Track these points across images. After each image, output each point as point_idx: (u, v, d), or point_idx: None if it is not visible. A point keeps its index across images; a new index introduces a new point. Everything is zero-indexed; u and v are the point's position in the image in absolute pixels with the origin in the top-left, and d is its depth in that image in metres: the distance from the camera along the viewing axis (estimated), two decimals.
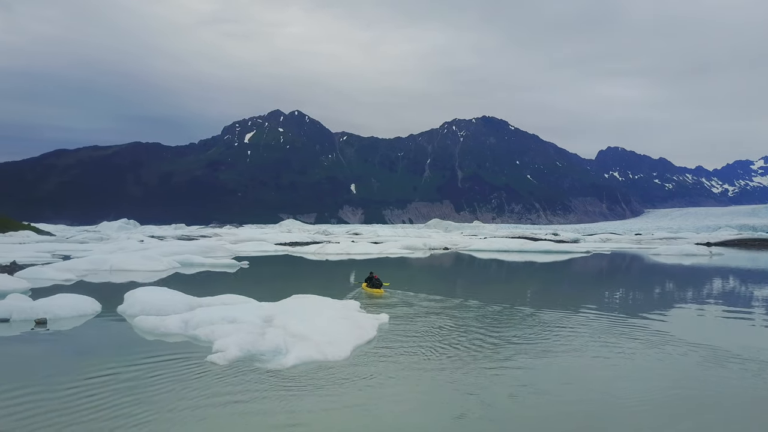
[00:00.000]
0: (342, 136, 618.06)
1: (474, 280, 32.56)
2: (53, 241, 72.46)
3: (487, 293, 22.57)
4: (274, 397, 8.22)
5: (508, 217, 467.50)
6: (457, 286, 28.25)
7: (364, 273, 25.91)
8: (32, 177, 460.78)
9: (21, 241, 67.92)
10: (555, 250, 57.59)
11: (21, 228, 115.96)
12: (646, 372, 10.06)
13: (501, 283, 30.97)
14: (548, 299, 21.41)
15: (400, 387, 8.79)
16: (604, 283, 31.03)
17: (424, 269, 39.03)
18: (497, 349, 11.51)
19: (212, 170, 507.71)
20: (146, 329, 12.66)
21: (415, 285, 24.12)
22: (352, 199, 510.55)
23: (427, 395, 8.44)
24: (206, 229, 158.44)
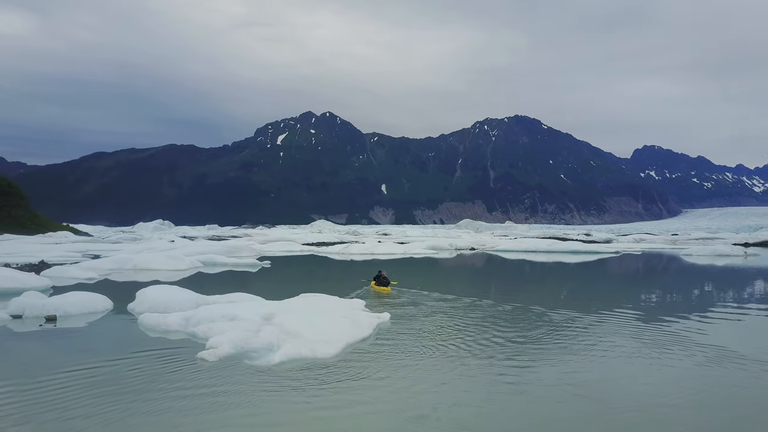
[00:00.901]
0: (373, 137, 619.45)
1: (492, 280, 32.19)
2: (88, 242, 74.33)
3: (501, 293, 22.31)
4: (252, 393, 8.26)
5: (542, 217, 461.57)
6: (472, 285, 27.91)
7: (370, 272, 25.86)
8: (73, 179, 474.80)
9: (57, 242, 69.86)
10: (583, 250, 56.61)
11: (60, 229, 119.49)
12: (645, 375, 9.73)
13: (519, 283, 30.53)
14: (563, 300, 21.02)
15: (381, 387, 8.65)
16: (624, 284, 30.31)
17: (443, 269, 38.76)
18: (497, 350, 11.24)
19: (245, 172, 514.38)
20: (148, 326, 12.87)
21: (429, 284, 23.94)
22: (383, 199, 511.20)
23: (408, 396, 8.23)
24: (238, 230, 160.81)
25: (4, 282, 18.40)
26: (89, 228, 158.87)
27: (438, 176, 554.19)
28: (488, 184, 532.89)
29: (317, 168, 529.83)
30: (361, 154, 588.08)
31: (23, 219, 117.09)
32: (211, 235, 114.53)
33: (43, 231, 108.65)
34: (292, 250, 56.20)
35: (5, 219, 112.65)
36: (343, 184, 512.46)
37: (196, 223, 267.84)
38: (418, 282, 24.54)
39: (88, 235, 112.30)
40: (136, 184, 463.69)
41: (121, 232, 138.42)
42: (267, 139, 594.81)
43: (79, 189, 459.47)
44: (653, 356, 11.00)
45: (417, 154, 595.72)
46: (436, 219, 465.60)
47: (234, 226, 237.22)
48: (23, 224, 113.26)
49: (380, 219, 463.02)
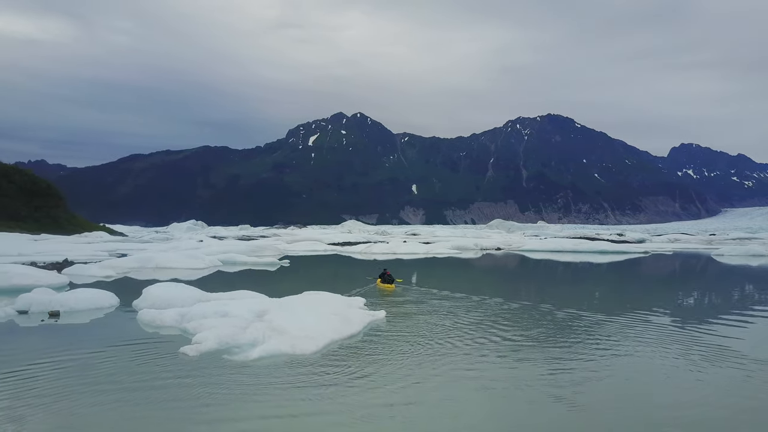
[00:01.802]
0: (403, 137, 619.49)
1: (507, 279, 31.78)
2: (120, 241, 75.93)
3: (512, 292, 21.93)
4: (218, 387, 8.33)
5: (575, 217, 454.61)
6: (485, 284, 27.53)
7: (396, 271, 25.79)
8: (110, 181, 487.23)
9: (90, 241, 71.48)
10: (611, 250, 55.49)
11: (96, 229, 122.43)
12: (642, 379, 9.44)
13: (534, 282, 30.03)
14: (573, 299, 20.57)
15: (349, 384, 8.55)
16: (643, 284, 29.54)
17: (461, 269, 38.36)
18: (485, 350, 10.97)
19: (278, 173, 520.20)
20: (145, 321, 13.07)
21: (440, 283, 23.79)
22: (414, 199, 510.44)
23: (374, 395, 8.09)
24: (269, 230, 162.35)
25: (21, 279, 18.92)
26: (125, 228, 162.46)
27: (469, 176, 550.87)
28: (521, 183, 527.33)
29: (348, 168, 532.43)
30: (392, 155, 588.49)
31: (61, 219, 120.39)
32: (241, 235, 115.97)
33: (79, 231, 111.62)
34: (316, 250, 56.49)
35: (44, 219, 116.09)
36: (374, 185, 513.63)
37: (229, 223, 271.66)
38: (429, 281, 24.45)
39: (123, 235, 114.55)
40: (171, 186, 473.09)
41: (154, 233, 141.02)
42: (299, 140, 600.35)
43: (116, 190, 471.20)
44: (650, 358, 10.68)
45: (448, 153, 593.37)
46: (468, 219, 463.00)
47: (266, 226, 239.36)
48: (61, 225, 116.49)
49: (411, 219, 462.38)
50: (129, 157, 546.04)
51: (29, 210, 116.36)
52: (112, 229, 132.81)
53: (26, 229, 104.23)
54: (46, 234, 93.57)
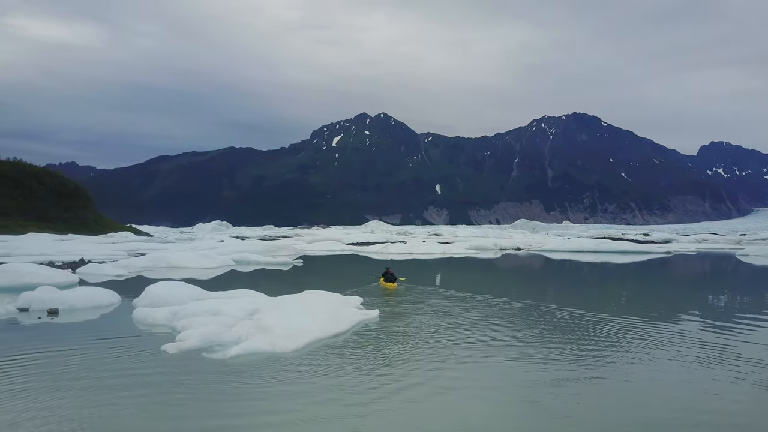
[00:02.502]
0: (427, 137, 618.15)
1: (518, 280, 31.33)
2: (144, 241, 76.97)
3: (518, 292, 21.56)
4: (187, 384, 8.33)
5: (602, 217, 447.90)
6: (493, 284, 27.09)
7: (409, 271, 25.80)
8: (138, 182, 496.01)
9: (114, 241, 72.59)
10: (632, 250, 54.53)
11: (122, 229, 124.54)
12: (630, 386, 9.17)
13: (544, 282, 29.61)
14: (581, 300, 20.24)
15: (316, 383, 8.43)
16: (656, 284, 28.85)
17: (474, 269, 38.00)
18: (477, 351, 10.67)
19: (302, 173, 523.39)
20: (137, 319, 13.17)
21: (447, 282, 23.71)
22: (438, 199, 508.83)
23: (336, 396, 7.91)
24: (292, 230, 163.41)
25: (32, 278, 19.26)
26: (152, 229, 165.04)
27: (494, 175, 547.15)
28: (546, 183, 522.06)
29: (372, 169, 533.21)
30: (416, 155, 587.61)
31: (89, 220, 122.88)
32: (263, 235, 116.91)
33: (107, 231, 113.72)
34: (333, 250, 56.62)
35: (72, 220, 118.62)
36: (398, 185, 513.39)
37: (254, 223, 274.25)
38: (436, 280, 24.31)
39: (148, 235, 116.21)
40: (198, 186, 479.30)
41: (179, 233, 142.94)
42: (323, 141, 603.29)
43: (144, 191, 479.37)
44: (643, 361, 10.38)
45: (472, 153, 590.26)
46: (492, 219, 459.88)
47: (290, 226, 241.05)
48: (89, 225, 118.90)
49: (434, 219, 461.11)
50: (156, 159, 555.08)
51: (58, 211, 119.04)
52: (139, 230, 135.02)
53: (55, 230, 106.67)
54: (73, 234, 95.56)
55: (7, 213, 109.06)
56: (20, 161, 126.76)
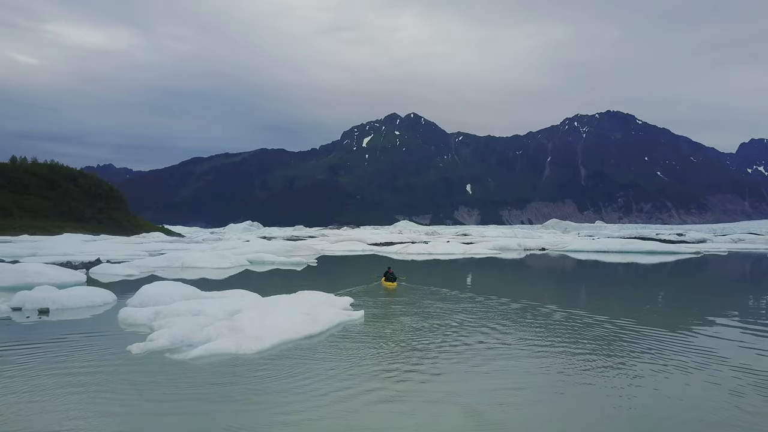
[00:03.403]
0: (457, 137, 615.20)
1: (528, 280, 30.58)
2: (172, 241, 78.31)
3: (523, 293, 20.96)
4: (138, 385, 8.24)
5: (636, 216, 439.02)
6: (500, 285, 26.31)
7: (419, 271, 25.53)
8: (173, 183, 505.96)
9: (142, 242, 73.97)
10: (659, 250, 53.04)
11: (154, 230, 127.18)
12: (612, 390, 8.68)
13: (554, 283, 28.82)
14: (584, 301, 19.62)
15: (264, 386, 8.22)
16: (670, 286, 27.77)
17: (489, 269, 37.34)
18: (455, 355, 10.27)
19: (332, 174, 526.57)
20: (121, 319, 13.14)
21: (451, 283, 23.38)
22: (468, 199, 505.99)
23: (278, 402, 7.62)
24: (320, 231, 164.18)
25: (37, 278, 19.56)
26: (185, 229, 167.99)
27: (525, 175, 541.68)
28: (579, 182, 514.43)
29: (402, 169, 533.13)
30: (446, 154, 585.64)
31: (122, 221, 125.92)
32: (290, 235, 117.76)
33: (139, 232, 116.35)
34: (354, 250, 56.56)
35: (106, 221, 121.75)
36: (428, 185, 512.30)
37: (285, 224, 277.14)
38: (441, 281, 23.98)
39: (179, 235, 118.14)
40: (230, 187, 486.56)
41: (209, 233, 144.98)
42: (353, 142, 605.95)
43: (178, 192, 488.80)
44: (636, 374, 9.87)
45: (503, 152, 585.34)
46: (524, 219, 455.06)
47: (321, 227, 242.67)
48: (122, 226, 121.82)
49: (465, 219, 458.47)
50: (190, 161, 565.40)
51: (93, 212, 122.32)
52: (170, 230, 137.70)
53: (90, 231, 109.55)
54: (105, 235, 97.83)
55: (45, 214, 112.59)
56: (57, 163, 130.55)
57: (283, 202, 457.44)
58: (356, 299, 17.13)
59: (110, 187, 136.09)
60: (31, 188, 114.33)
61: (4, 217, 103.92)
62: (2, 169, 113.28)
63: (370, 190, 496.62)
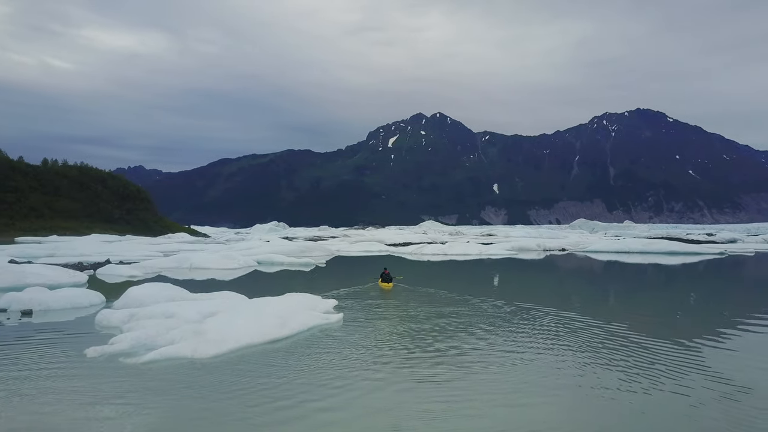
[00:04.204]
0: (484, 136, 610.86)
1: (532, 282, 29.78)
2: (194, 242, 78.95)
3: (521, 295, 20.46)
4: (75, 390, 8.12)
5: (667, 216, 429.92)
6: (500, 287, 25.50)
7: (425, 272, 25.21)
8: (201, 184, 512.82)
9: (162, 242, 74.76)
10: (681, 251, 51.62)
11: (180, 230, 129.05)
12: None
13: (557, 284, 28.06)
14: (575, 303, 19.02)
15: (198, 393, 7.99)
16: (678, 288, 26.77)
17: (500, 270, 36.61)
18: (425, 363, 9.86)
19: (358, 174, 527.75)
20: (97, 321, 13.00)
21: (451, 285, 22.95)
22: (495, 199, 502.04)
23: (206, 411, 7.36)
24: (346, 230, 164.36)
25: (35, 278, 19.75)
26: (213, 230, 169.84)
27: (553, 174, 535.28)
28: (608, 181, 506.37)
29: (428, 169, 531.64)
30: (472, 154, 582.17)
31: (149, 221, 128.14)
32: (312, 235, 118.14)
33: (165, 232, 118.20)
34: (369, 251, 56.31)
35: (134, 221, 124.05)
36: (454, 185, 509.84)
37: (311, 224, 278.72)
38: (440, 282, 23.50)
39: (205, 236, 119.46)
40: (258, 188, 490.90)
41: (234, 234, 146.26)
42: (378, 142, 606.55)
43: (207, 193, 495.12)
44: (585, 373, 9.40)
45: (531, 151, 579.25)
46: (552, 219, 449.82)
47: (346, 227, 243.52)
48: (149, 226, 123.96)
49: (492, 219, 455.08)
50: (218, 162, 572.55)
51: (121, 213, 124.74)
52: (196, 231, 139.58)
53: (118, 231, 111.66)
54: (131, 235, 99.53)
55: (75, 215, 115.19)
56: (86, 165, 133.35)
57: (309, 203, 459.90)
58: (343, 301, 16.90)
59: (138, 189, 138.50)
60: (61, 190, 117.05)
61: (36, 218, 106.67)
62: (34, 171, 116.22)
63: (396, 190, 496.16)
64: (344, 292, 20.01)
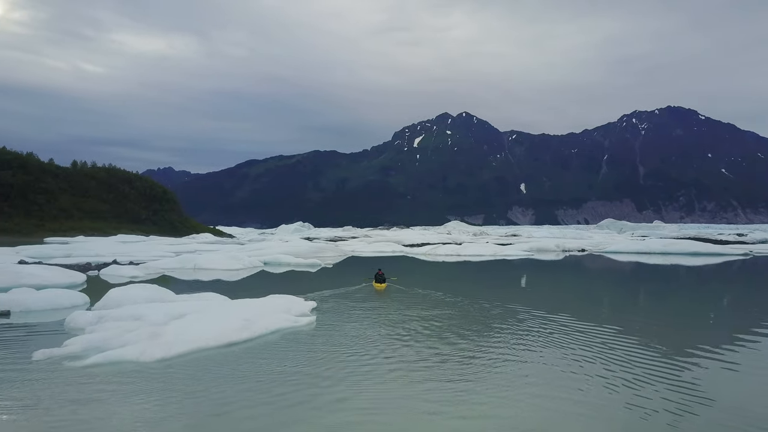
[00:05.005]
0: (511, 135, 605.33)
1: (536, 283, 29.11)
2: (214, 242, 79.73)
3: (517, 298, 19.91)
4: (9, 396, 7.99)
5: (699, 216, 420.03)
6: (499, 289, 24.77)
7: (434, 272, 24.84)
8: (229, 185, 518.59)
9: (184, 242, 75.53)
10: (703, 251, 50.10)
11: (205, 230, 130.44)
12: None
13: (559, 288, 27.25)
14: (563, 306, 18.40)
15: (128, 398, 7.80)
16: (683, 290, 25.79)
17: (507, 271, 35.79)
18: (385, 378, 9.38)
19: (384, 175, 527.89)
20: (65, 323, 12.94)
21: (448, 286, 22.60)
22: (522, 199, 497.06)
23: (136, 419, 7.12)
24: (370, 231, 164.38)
25: (30, 279, 19.92)
26: (239, 230, 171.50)
27: (581, 174, 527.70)
28: (637, 181, 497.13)
29: (453, 169, 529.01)
30: (499, 153, 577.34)
31: (175, 222, 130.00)
32: (333, 236, 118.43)
33: (190, 233, 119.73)
34: (384, 251, 55.99)
35: (160, 222, 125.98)
36: (480, 185, 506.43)
37: (336, 224, 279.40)
38: (442, 283, 23.20)
39: (230, 236, 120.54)
40: (284, 189, 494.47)
41: (258, 234, 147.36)
42: (404, 143, 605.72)
43: (234, 194, 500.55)
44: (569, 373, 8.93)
45: (558, 151, 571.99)
46: (580, 219, 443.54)
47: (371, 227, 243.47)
48: (175, 227, 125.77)
49: (519, 219, 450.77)
50: (245, 163, 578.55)
51: (148, 213, 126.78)
52: (221, 231, 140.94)
53: (145, 231, 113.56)
54: (156, 236, 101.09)
55: (103, 216, 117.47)
56: (114, 167, 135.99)
57: (335, 203, 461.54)
58: (327, 303, 16.72)
59: (164, 190, 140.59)
60: (90, 191, 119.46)
61: (65, 219, 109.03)
62: (64, 173, 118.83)
63: (422, 190, 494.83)
64: (334, 293, 19.80)
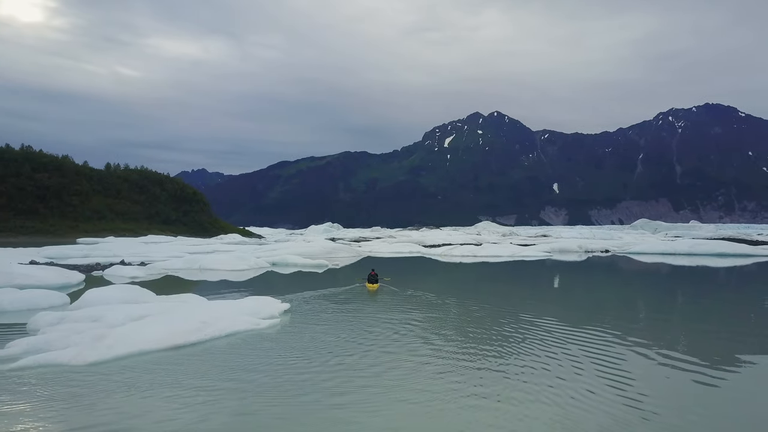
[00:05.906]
0: (543, 134, 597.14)
1: (538, 286, 28.20)
2: (239, 243, 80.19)
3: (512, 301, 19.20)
4: None
5: (739, 216, 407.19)
6: (499, 290, 23.90)
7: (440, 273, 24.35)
8: (261, 187, 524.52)
9: (210, 243, 76.19)
10: (731, 252, 48.16)
11: (233, 231, 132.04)
12: None
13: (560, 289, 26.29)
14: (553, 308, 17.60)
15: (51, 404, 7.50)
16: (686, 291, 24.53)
17: (517, 273, 34.93)
18: (328, 390, 8.83)
19: (414, 175, 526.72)
20: (28, 323, 12.73)
21: (448, 287, 22.05)
22: (555, 199, 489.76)
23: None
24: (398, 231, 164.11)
25: (24, 279, 20.03)
26: (271, 231, 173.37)
27: (616, 173, 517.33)
28: (674, 180, 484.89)
29: (485, 168, 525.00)
30: (531, 153, 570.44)
31: (205, 223, 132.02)
32: (358, 236, 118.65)
33: (219, 233, 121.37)
34: (401, 252, 55.50)
35: (190, 222, 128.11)
36: (512, 185, 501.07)
37: (366, 225, 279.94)
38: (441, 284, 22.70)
39: (259, 237, 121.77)
40: (315, 190, 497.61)
41: (288, 235, 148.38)
42: (434, 143, 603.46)
43: (267, 195, 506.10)
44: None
45: (592, 150, 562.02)
46: (615, 219, 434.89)
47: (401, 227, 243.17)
48: (205, 227, 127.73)
49: (552, 220, 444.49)
50: (277, 164, 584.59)
51: (178, 214, 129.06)
52: (250, 232, 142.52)
53: (175, 232, 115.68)
54: (184, 236, 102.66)
55: (135, 217, 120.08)
56: (146, 169, 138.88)
57: (365, 204, 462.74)
58: (305, 305, 16.41)
59: (194, 191, 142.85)
60: (122, 193, 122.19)
61: (98, 219, 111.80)
62: (98, 175, 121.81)
63: (452, 190, 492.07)
64: (318, 294, 19.45)
